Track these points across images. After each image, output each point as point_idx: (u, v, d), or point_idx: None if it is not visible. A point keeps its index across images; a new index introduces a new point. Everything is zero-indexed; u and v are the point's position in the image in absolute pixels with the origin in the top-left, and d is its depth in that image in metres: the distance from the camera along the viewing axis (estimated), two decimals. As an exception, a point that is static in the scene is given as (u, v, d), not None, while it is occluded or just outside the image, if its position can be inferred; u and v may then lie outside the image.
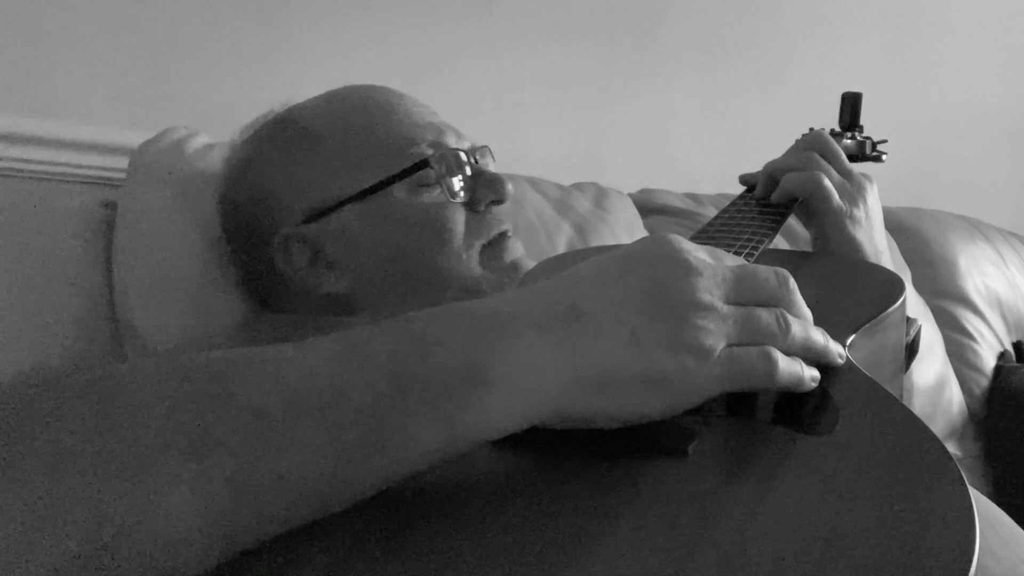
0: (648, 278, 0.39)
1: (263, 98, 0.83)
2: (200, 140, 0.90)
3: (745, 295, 0.41)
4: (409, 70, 1.20)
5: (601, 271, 0.41)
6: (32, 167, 0.91)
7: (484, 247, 0.72)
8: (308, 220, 0.71)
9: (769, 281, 0.42)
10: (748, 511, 0.34)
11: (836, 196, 0.75)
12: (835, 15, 1.67)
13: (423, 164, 0.70)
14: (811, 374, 0.43)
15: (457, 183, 0.71)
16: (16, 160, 0.90)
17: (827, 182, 0.75)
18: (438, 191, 0.71)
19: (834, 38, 1.66)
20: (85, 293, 0.84)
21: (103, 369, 0.35)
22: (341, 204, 0.70)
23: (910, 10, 1.77)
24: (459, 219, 0.71)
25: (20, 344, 0.79)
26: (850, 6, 1.69)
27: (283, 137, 0.75)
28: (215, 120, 0.98)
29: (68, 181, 0.93)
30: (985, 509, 0.55)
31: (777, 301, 0.42)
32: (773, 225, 0.71)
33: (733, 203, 0.79)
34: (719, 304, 0.40)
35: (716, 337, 0.39)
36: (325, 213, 0.71)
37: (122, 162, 0.88)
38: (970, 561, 0.30)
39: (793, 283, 0.43)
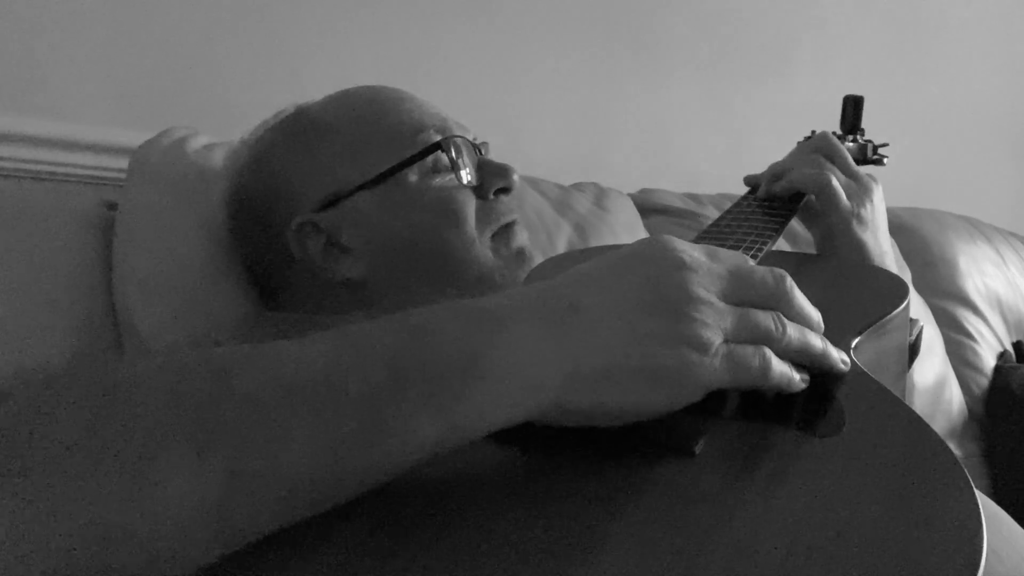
0: (644, 276, 0.40)
1: (263, 98, 0.83)
2: (200, 140, 0.89)
3: (741, 294, 0.41)
4: (409, 70, 1.20)
5: (598, 270, 0.41)
6: (32, 167, 0.91)
7: (494, 235, 0.73)
8: (323, 207, 0.72)
9: (766, 280, 0.42)
10: (756, 512, 0.34)
11: (844, 196, 0.75)
12: (835, 15, 1.67)
13: (435, 147, 0.72)
14: (801, 375, 0.43)
15: (466, 168, 0.73)
16: (16, 160, 0.91)
17: (835, 182, 0.75)
18: (449, 177, 0.72)
19: (834, 38, 1.67)
20: (85, 293, 0.83)
21: (102, 366, 0.35)
22: (355, 190, 0.71)
23: (910, 10, 1.77)
24: (470, 205, 0.72)
25: (20, 344, 0.78)
26: (850, 6, 1.69)
27: (295, 129, 0.77)
28: (215, 120, 0.98)
29: (68, 181, 0.93)
30: (986, 507, 0.55)
31: (774, 300, 0.42)
32: (777, 226, 0.71)
33: (737, 204, 0.79)
34: (715, 300, 0.40)
35: (714, 331, 0.39)
36: (340, 200, 0.72)
37: (122, 162, 0.88)
38: (977, 565, 0.30)
39: (791, 282, 0.43)
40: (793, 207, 0.77)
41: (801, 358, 0.43)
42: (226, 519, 0.32)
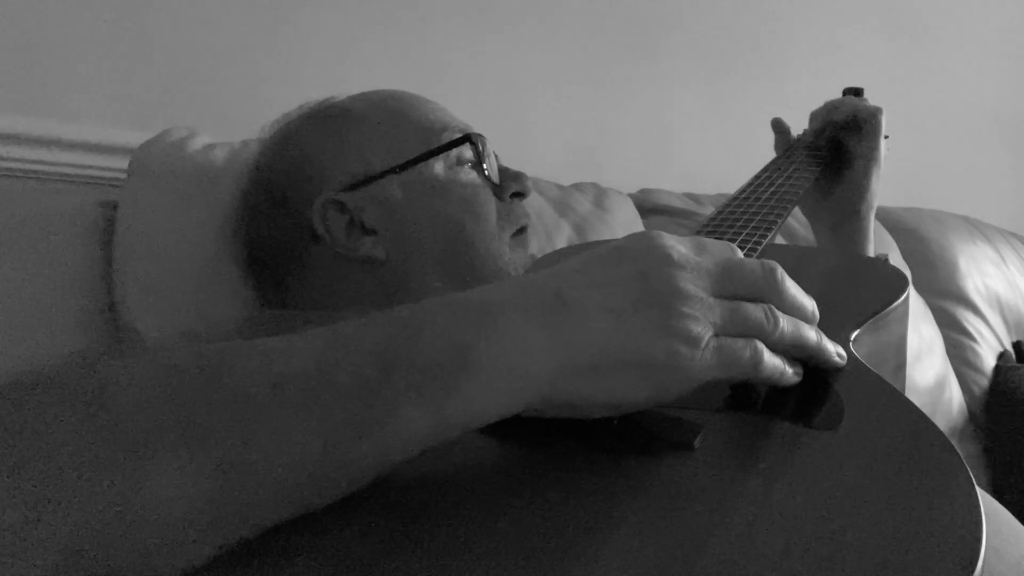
0: (633, 270, 0.40)
1: (263, 98, 0.83)
2: (200, 140, 0.90)
3: (731, 287, 0.41)
4: (409, 70, 1.20)
5: (587, 264, 0.41)
6: (32, 167, 0.91)
7: (512, 236, 0.75)
8: (349, 188, 0.73)
9: (755, 272, 0.42)
10: (755, 506, 0.34)
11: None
12: (835, 15, 1.67)
13: (465, 139, 0.74)
14: (794, 368, 0.43)
15: (489, 166, 0.76)
16: (16, 160, 0.91)
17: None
18: (472, 175, 0.75)
19: (834, 38, 1.67)
20: (85, 293, 0.83)
21: (95, 364, 0.35)
22: (383, 174, 0.73)
23: (910, 10, 1.77)
24: (491, 202, 0.75)
25: (20, 344, 0.79)
26: (850, 6, 1.69)
27: (324, 115, 0.78)
28: (215, 120, 0.98)
29: (68, 181, 0.93)
30: (986, 504, 0.55)
31: (764, 293, 0.42)
32: (776, 217, 0.71)
33: (734, 197, 0.79)
34: (704, 295, 0.39)
35: (703, 326, 0.38)
36: (367, 182, 0.73)
37: (122, 162, 0.88)
38: (976, 560, 0.30)
39: (782, 273, 0.43)
40: (803, 181, 0.80)
41: (796, 351, 0.43)
42: (218, 515, 0.32)
